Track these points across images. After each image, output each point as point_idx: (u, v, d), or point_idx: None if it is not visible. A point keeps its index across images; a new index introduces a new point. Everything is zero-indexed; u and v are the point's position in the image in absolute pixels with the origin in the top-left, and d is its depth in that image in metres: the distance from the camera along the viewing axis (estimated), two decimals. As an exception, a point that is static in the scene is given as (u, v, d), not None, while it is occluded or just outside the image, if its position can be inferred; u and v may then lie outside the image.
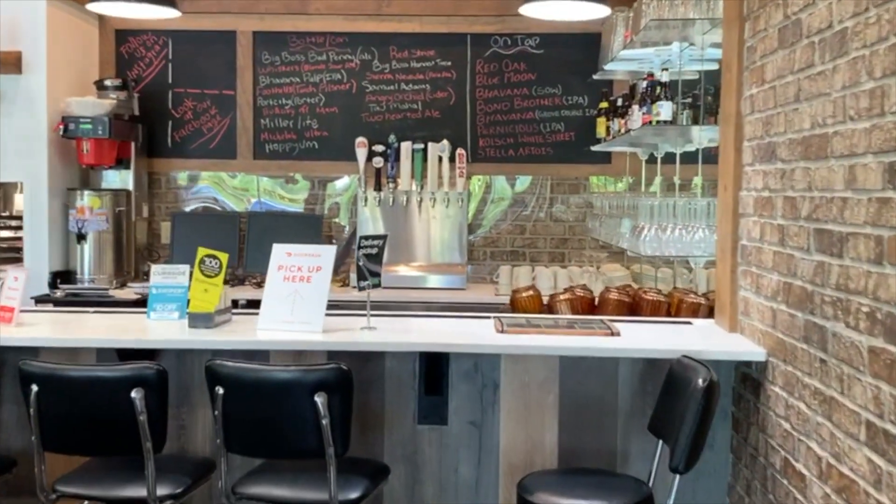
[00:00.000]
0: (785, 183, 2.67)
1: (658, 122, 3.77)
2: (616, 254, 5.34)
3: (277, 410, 2.55)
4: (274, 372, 2.60)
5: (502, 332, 3.04)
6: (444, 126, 5.41)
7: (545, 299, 4.02)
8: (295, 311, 3.02)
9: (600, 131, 4.96)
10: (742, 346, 2.93)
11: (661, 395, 2.79)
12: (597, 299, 3.71)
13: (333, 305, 4.74)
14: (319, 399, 2.50)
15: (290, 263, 3.10)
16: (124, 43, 5.43)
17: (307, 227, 5.29)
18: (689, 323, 3.36)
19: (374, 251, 3.09)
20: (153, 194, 5.47)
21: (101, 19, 5.38)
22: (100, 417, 2.59)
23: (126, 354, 3.00)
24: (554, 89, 5.42)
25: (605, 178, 5.48)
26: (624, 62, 4.52)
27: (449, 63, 5.41)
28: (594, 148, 5.07)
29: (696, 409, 2.46)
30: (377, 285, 3.11)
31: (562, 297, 3.58)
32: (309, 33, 5.40)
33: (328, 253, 3.11)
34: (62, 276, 4.87)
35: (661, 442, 2.75)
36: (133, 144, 5.17)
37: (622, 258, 5.36)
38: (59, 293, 4.75)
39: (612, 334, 3.02)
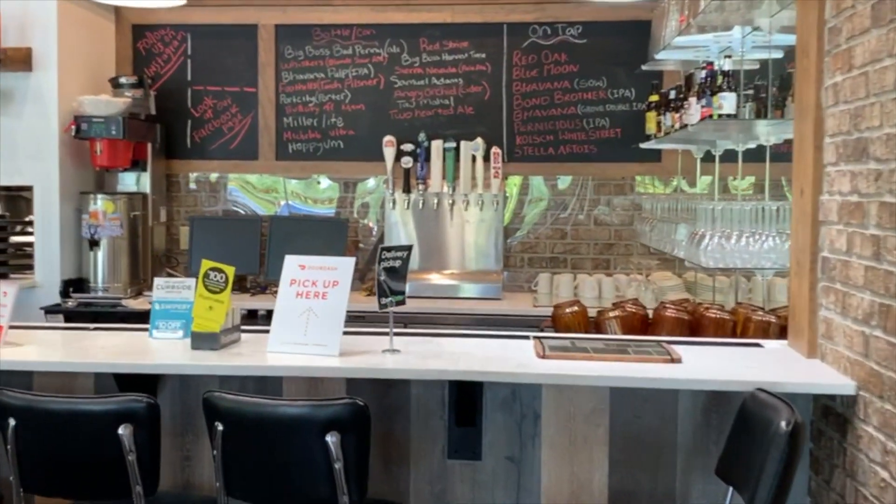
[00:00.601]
0: (881, 186, 2.25)
1: (720, 115, 3.36)
2: (667, 260, 4.91)
3: (284, 451, 2.20)
4: (280, 407, 2.26)
5: (544, 356, 2.65)
6: (479, 123, 5.04)
7: (591, 312, 3.62)
8: (309, 331, 2.67)
9: (650, 127, 4.54)
10: (825, 377, 2.51)
11: (733, 435, 2.39)
12: (651, 316, 3.30)
13: (358, 317, 4.45)
14: (332, 439, 2.15)
15: (304, 277, 2.76)
16: (141, 38, 5.15)
17: (332, 231, 4.95)
18: (758, 345, 2.94)
19: (397, 264, 2.73)
20: (171, 197, 5.18)
21: (118, 14, 5.10)
22: (84, 456, 2.28)
23: (125, 379, 2.69)
24: (598, 82, 5.02)
25: (654, 178, 5.06)
26: (677, 51, 4.10)
27: (483, 55, 5.04)
28: (643, 145, 4.65)
29: (779, 458, 2.06)
30: (401, 302, 2.75)
31: (611, 314, 3.18)
32: (334, 25, 5.07)
33: (346, 266, 2.76)
34: (75, 285, 4.60)
35: (731, 489, 2.35)
36: (150, 145, 4.88)
37: (673, 265, 4.93)
38: (70, 303, 4.48)
39: (673, 360, 2.62)
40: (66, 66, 4.59)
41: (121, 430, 2.20)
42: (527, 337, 3.01)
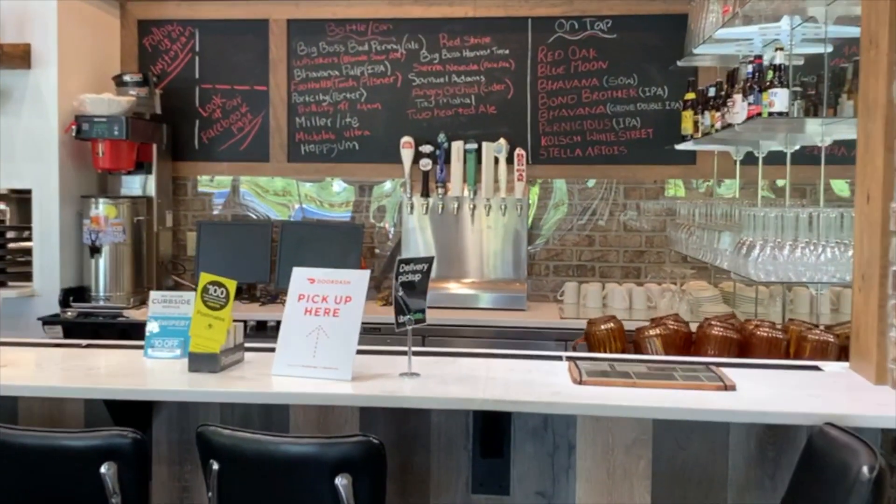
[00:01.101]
0: (975, 192, 1.95)
1: (770, 114, 3.06)
2: (702, 269, 4.61)
3: (288, 495, 1.94)
4: (283, 445, 1.98)
5: (581, 382, 2.37)
6: (501, 123, 4.76)
7: (624, 322, 3.33)
8: (318, 352, 2.40)
9: (686, 127, 4.24)
10: (901, 408, 2.21)
11: (799, 477, 2.09)
12: (694, 333, 3.01)
13: (373, 329, 4.18)
14: (342, 482, 1.88)
15: (314, 292, 2.49)
16: (147, 35, 4.91)
17: (347, 237, 4.68)
18: (817, 368, 2.64)
19: (417, 278, 2.46)
20: (178, 201, 4.93)
21: (123, 9, 4.86)
22: (63, 498, 2.01)
23: (117, 405, 2.43)
24: (628, 79, 4.72)
25: (690, 181, 4.75)
26: (718, 45, 3.80)
27: (507, 51, 4.76)
28: (678, 147, 4.36)
29: (862, 510, 1.76)
30: (420, 321, 2.47)
31: (651, 332, 2.89)
32: (349, 20, 4.81)
33: (360, 280, 2.49)
34: (75, 294, 4.36)
35: (797, 538, 2.05)
36: (155, 146, 4.63)
37: (708, 274, 4.63)
38: (70, 313, 4.24)
39: (726, 387, 2.33)
40: (67, 64, 4.36)
41: (103, 469, 1.94)
42: (559, 357, 2.73)
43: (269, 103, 4.86)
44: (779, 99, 3.08)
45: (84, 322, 4.17)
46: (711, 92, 3.91)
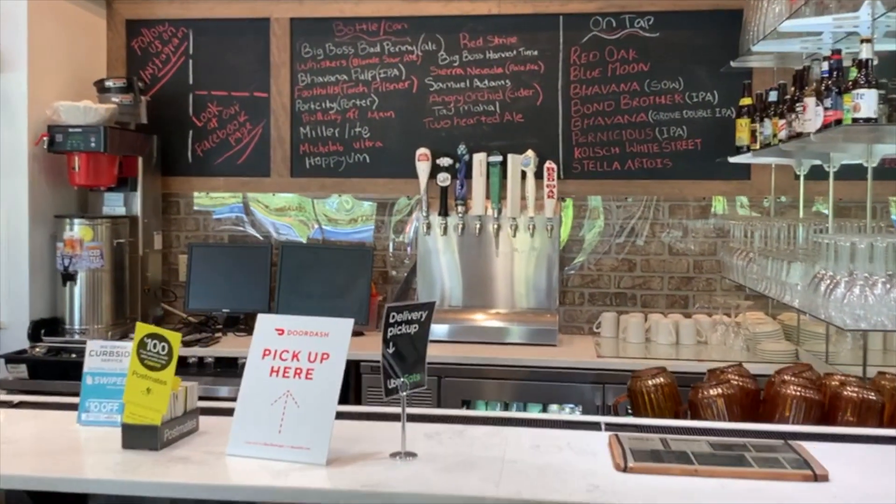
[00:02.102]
0: None
1: (856, 119, 2.48)
2: (755, 297, 4.01)
3: None
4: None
5: (626, 469, 1.81)
6: (529, 133, 4.22)
7: (672, 364, 2.76)
8: (286, 427, 1.87)
9: (741, 137, 3.66)
10: None
11: None
12: (763, 390, 2.42)
13: (375, 369, 3.68)
14: None
15: (282, 346, 1.96)
16: (136, 36, 4.45)
17: (355, 260, 4.17)
18: (931, 445, 2.05)
19: (413, 330, 1.92)
20: (169, 221, 4.45)
21: (109, 8, 4.41)
22: None
23: (39, 495, 1.92)
24: (673, 83, 4.15)
25: (744, 198, 4.16)
26: (781, 41, 3.23)
27: (535, 52, 4.21)
28: (731, 159, 3.77)
29: None
30: (418, 384, 1.93)
31: (712, 391, 2.31)
32: (359, 19, 4.30)
33: (341, 332, 1.96)
34: (47, 327, 3.88)
35: None
36: (141, 160, 4.16)
37: (765, 303, 4.03)
38: (38, 349, 3.76)
39: (816, 478, 1.76)
40: (40, 68, 3.90)
41: None
42: (597, 426, 2.17)
43: (270, 111, 4.37)
44: (865, 102, 2.50)
45: (53, 360, 3.69)
46: (773, 96, 3.33)
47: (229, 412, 2.08)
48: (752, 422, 2.33)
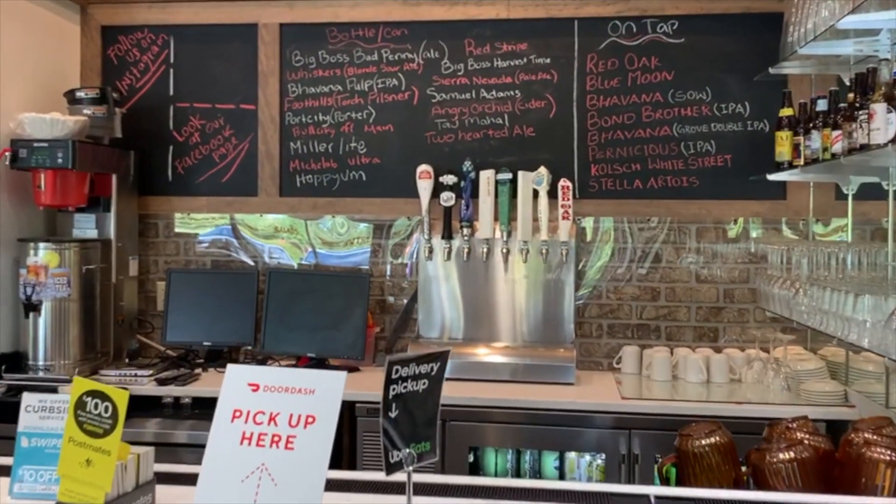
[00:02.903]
0: None
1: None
2: (793, 329, 3.62)
3: None
4: None
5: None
6: (542, 148, 3.85)
7: (708, 406, 2.36)
8: (259, 510, 1.47)
9: (782, 151, 3.29)
10: None
11: None
12: (837, 451, 2.02)
13: (372, 411, 3.29)
14: None
15: (256, 407, 1.57)
16: (113, 44, 4.08)
17: (349, 288, 3.77)
18: None
19: (423, 387, 1.53)
20: (147, 244, 4.07)
21: (84, 13, 4.05)
22: None
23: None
24: (700, 94, 3.79)
25: (780, 219, 3.78)
26: (831, 43, 2.87)
27: (548, 60, 3.85)
28: (771, 177, 3.40)
29: None
30: (426, 454, 1.54)
31: (783, 455, 1.90)
32: (355, 24, 3.94)
33: (331, 387, 1.56)
34: (9, 362, 3.49)
35: None
36: (115, 178, 3.78)
37: (804, 337, 3.65)
38: (-4, 388, 3.36)
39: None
40: (6, 76, 3.53)
41: None
42: (644, 500, 1.77)
43: (257, 125, 4.00)
44: (952, 107, 2.13)
45: (13, 401, 3.27)
46: (822, 105, 2.97)
47: (193, 477, 1.68)
48: (826, 489, 1.93)
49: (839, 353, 3.50)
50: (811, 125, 3.02)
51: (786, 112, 3.27)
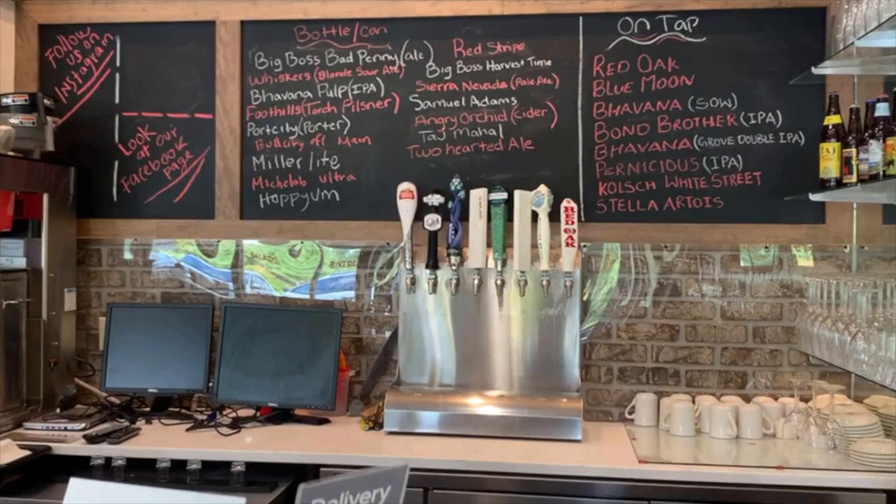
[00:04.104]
0: None
1: None
2: (835, 374, 3.10)
3: None
4: None
5: None
6: (542, 163, 3.33)
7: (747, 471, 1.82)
8: None
9: (829, 167, 2.77)
10: None
11: None
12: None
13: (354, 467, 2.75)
14: None
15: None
16: (52, 45, 3.58)
17: (319, 326, 3.25)
18: None
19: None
20: (88, 274, 3.54)
21: (18, 9, 3.55)
22: None
23: None
24: (725, 101, 3.28)
25: (819, 246, 3.26)
26: (880, 36, 2.36)
27: (549, 62, 3.35)
28: (815, 197, 2.89)
29: None
30: None
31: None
32: (327, 21, 3.44)
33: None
34: (-88, 415, 2.96)
35: None
36: (47, 197, 3.26)
37: (846, 384, 3.12)
38: None
39: None
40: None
41: None
42: None
43: (215, 137, 3.48)
44: None
45: None
46: (881, 110, 2.45)
47: None
48: None
49: (892, 403, 2.97)
50: (867, 134, 2.50)
51: (832, 120, 2.76)
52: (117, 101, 3.54)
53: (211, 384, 3.25)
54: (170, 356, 3.30)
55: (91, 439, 2.90)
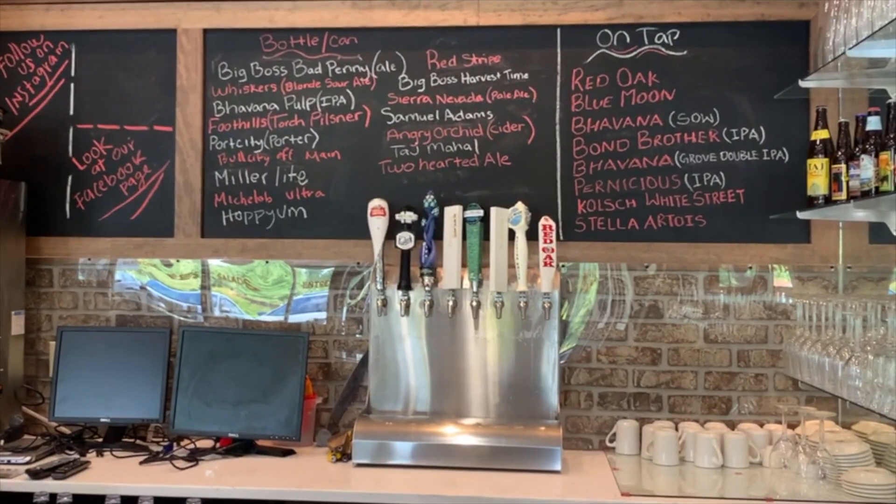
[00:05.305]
0: None
1: None
2: (821, 399, 2.99)
3: None
4: None
5: None
6: (519, 180, 3.20)
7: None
8: None
9: (817, 183, 2.67)
10: None
11: None
12: None
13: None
14: None
15: None
16: (3, 53, 3.39)
17: (284, 351, 3.07)
18: None
19: None
20: (37, 296, 3.34)
21: (-33, 15, 3.36)
22: None
23: None
24: (707, 116, 3.17)
25: (803, 266, 3.15)
26: (888, 43, 2.27)
27: (525, 75, 3.22)
28: (803, 214, 2.79)
29: None
30: None
31: None
32: (294, 30, 3.29)
33: None
34: None
35: None
36: (-8, 214, 3.07)
37: (834, 409, 3.01)
38: None
39: None
40: None
41: None
42: None
43: (175, 151, 3.31)
44: None
45: None
46: (873, 123, 2.35)
47: None
48: None
49: (883, 430, 2.86)
50: (858, 149, 2.40)
51: (820, 135, 2.66)
52: (72, 112, 3.36)
53: (168, 413, 3.05)
54: (124, 383, 3.10)
55: (35, 474, 2.69)
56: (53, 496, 2.60)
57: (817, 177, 2.64)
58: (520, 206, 3.08)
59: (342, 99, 3.27)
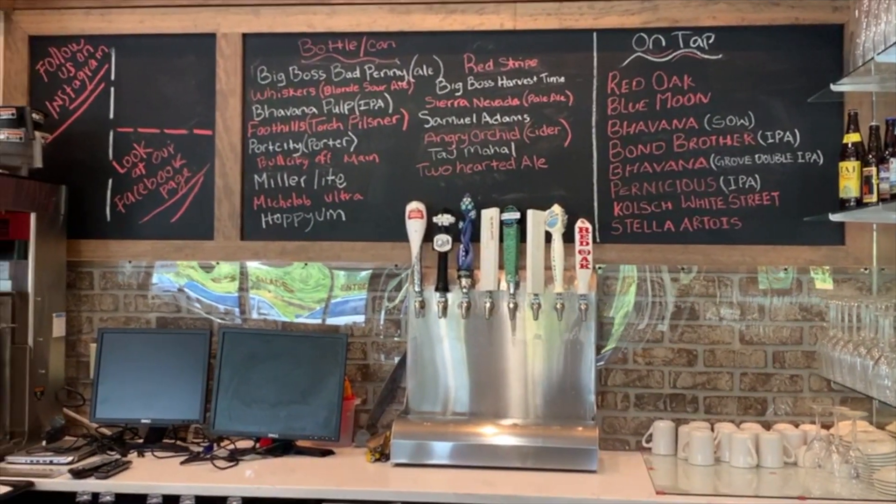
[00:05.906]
0: None
1: None
2: (856, 399, 3.01)
3: None
4: None
5: None
6: (555, 183, 3.23)
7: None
8: None
9: (848, 186, 2.70)
10: None
11: None
12: None
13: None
14: None
15: None
16: (43, 57, 3.43)
17: (323, 353, 3.11)
18: None
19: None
20: (78, 298, 3.38)
21: (8, 20, 3.40)
22: None
23: None
24: (742, 119, 3.20)
25: (838, 268, 3.17)
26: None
27: (562, 79, 3.25)
28: (835, 217, 2.81)
29: None
30: None
31: None
32: (333, 35, 3.32)
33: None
34: None
35: None
36: (34, 217, 3.10)
37: (868, 409, 3.03)
38: None
39: None
40: None
41: None
42: None
43: (214, 154, 3.34)
44: None
45: None
46: (916, 127, 2.37)
47: None
48: None
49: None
50: (888, 152, 2.42)
51: (852, 138, 2.69)
52: (112, 116, 3.39)
53: (208, 414, 3.08)
54: (165, 385, 3.13)
55: (77, 474, 2.72)
56: (96, 495, 2.64)
57: (849, 179, 2.67)
58: (556, 208, 3.11)
59: (380, 102, 3.30)
